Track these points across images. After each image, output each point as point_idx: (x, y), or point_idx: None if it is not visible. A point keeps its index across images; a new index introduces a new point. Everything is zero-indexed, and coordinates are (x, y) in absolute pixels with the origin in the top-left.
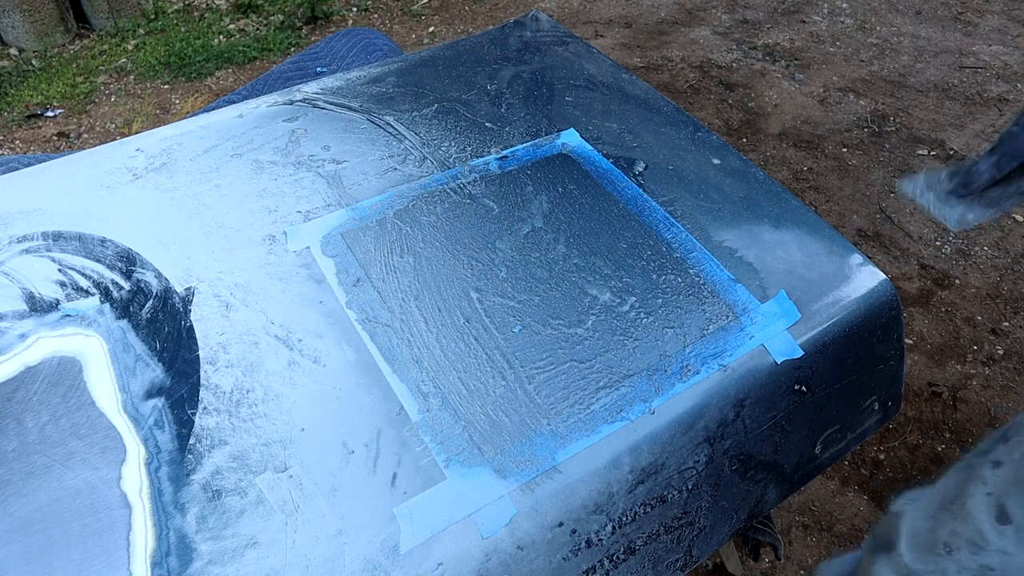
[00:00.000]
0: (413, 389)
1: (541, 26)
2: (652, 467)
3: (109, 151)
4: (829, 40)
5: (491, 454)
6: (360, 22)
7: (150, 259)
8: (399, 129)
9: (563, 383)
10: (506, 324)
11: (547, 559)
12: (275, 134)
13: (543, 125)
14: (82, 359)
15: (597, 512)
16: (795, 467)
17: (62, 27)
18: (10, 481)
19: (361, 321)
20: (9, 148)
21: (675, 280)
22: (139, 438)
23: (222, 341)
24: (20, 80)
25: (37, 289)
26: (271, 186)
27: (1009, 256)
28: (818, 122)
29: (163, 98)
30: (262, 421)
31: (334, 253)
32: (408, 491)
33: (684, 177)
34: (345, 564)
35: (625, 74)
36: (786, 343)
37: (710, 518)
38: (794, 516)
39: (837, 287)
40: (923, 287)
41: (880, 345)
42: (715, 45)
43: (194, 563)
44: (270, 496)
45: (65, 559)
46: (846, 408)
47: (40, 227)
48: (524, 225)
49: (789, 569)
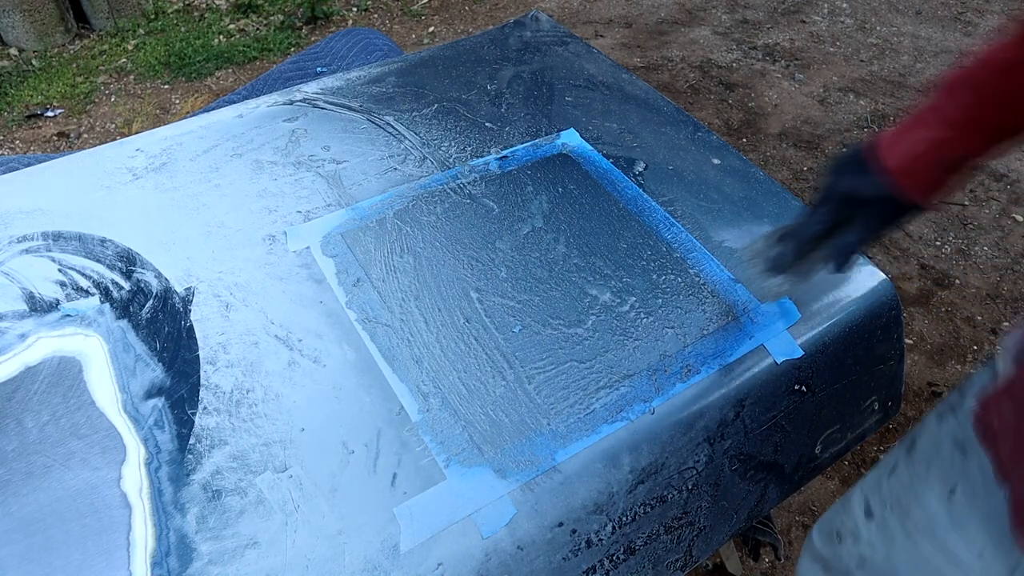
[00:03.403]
0: (413, 389)
1: (541, 26)
2: (652, 467)
3: (109, 151)
4: (829, 40)
5: (491, 454)
6: (360, 22)
7: (150, 259)
8: (399, 129)
9: (563, 383)
10: (506, 324)
11: (547, 559)
12: (275, 134)
13: (543, 125)
14: (82, 359)
15: (597, 512)
16: (795, 467)
17: (62, 27)
18: (10, 481)
19: (361, 321)
20: (9, 148)
21: (675, 280)
22: (139, 438)
23: (222, 341)
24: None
25: (37, 289)
26: (271, 186)
27: (1009, 256)
28: (818, 122)
29: (163, 98)
30: (262, 421)
31: (334, 253)
32: (408, 491)
33: (684, 177)
34: (345, 564)
35: (625, 74)
36: (786, 343)
37: (710, 518)
38: (794, 516)
39: (837, 287)
40: (923, 287)
41: (880, 345)
42: (715, 45)
43: (194, 563)
44: (270, 496)
45: (65, 559)
46: (846, 408)
47: (40, 227)
48: (524, 225)
49: (789, 569)
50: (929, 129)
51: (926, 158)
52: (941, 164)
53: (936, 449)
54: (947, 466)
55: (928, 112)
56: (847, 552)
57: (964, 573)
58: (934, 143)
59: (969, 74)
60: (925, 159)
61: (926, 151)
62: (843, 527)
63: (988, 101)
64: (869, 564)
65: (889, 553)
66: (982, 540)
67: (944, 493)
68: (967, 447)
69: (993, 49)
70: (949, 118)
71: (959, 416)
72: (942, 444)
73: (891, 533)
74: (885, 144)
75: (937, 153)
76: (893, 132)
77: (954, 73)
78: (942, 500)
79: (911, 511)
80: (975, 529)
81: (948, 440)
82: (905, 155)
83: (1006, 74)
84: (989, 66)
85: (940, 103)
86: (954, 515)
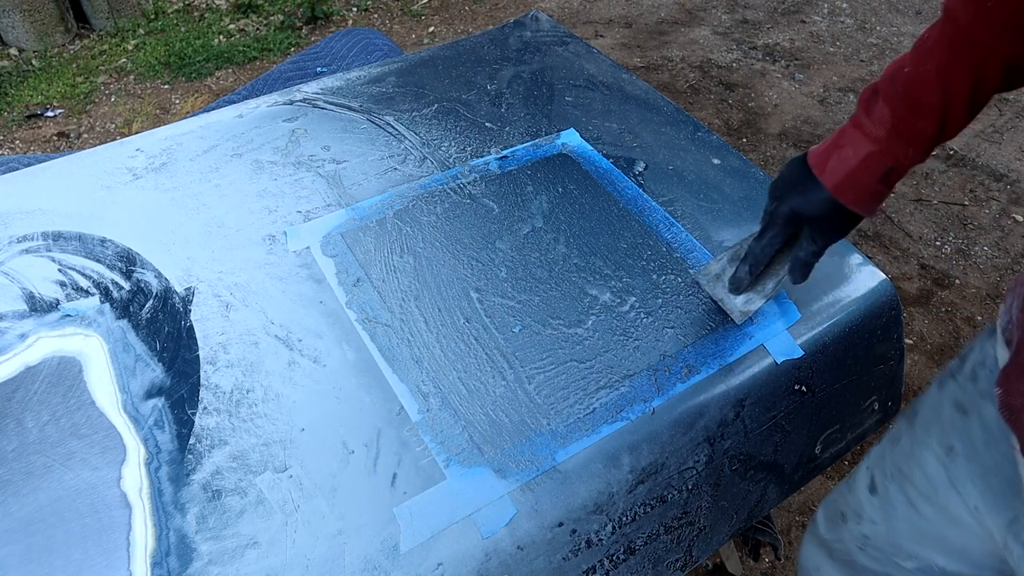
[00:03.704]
0: (413, 389)
1: (541, 26)
2: (652, 467)
3: (109, 151)
4: (829, 40)
5: (491, 454)
6: (360, 22)
7: (150, 259)
8: (399, 129)
9: (563, 383)
10: (506, 324)
11: (547, 559)
12: (275, 134)
13: (543, 125)
14: (82, 359)
15: (597, 512)
16: (795, 467)
17: (62, 27)
18: (10, 481)
19: (361, 321)
20: (9, 148)
21: (675, 280)
22: (139, 438)
23: (222, 341)
24: (20, 80)
25: (37, 289)
26: (271, 186)
27: (1009, 256)
28: (818, 122)
29: (163, 98)
30: (262, 421)
31: (334, 253)
32: (408, 491)
33: (684, 177)
34: (345, 564)
35: (625, 74)
36: (786, 343)
37: (710, 518)
38: (794, 516)
39: (837, 287)
40: (923, 287)
41: (880, 345)
42: (715, 45)
43: (194, 563)
44: (270, 496)
45: (65, 559)
46: (846, 408)
47: (40, 227)
48: (524, 225)
49: (789, 569)
50: (856, 146)
51: (859, 174)
52: (875, 177)
53: (936, 413)
54: (947, 427)
55: (851, 130)
56: (849, 533)
57: (964, 532)
58: (864, 159)
59: (881, 88)
60: (859, 175)
61: (857, 167)
62: (847, 507)
63: (901, 114)
64: (871, 543)
65: (891, 525)
66: (977, 496)
67: (942, 453)
68: (967, 408)
69: (898, 63)
70: (872, 134)
71: (959, 379)
72: (943, 407)
73: (892, 503)
74: (818, 162)
75: (868, 168)
76: (823, 149)
77: (869, 88)
78: (941, 460)
79: (912, 476)
80: (972, 485)
81: (948, 403)
82: (839, 172)
83: (909, 87)
84: (896, 80)
85: (861, 120)
86: (952, 474)
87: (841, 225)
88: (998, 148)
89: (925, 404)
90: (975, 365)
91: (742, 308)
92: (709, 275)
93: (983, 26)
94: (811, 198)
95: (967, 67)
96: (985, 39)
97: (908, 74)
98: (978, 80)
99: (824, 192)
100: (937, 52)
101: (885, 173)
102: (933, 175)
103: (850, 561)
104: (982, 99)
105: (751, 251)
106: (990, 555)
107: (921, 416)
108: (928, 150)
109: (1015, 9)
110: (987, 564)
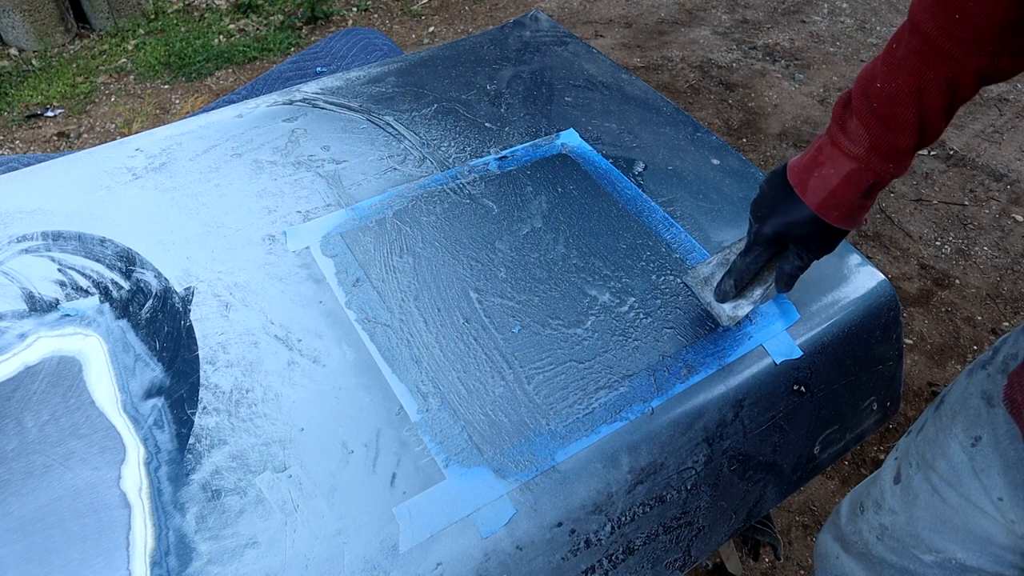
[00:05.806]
0: (412, 389)
1: (541, 26)
2: (651, 467)
3: (109, 151)
4: (829, 40)
5: (490, 454)
6: (360, 22)
7: (150, 259)
8: (399, 129)
9: (562, 383)
10: (505, 324)
11: (546, 559)
12: (275, 134)
13: (543, 125)
14: (82, 359)
15: (596, 512)
16: (794, 467)
17: (62, 27)
18: (10, 481)
19: (361, 321)
20: (9, 148)
21: (674, 281)
22: (139, 438)
23: (222, 341)
24: (20, 80)
25: (37, 289)
26: (271, 186)
27: (1009, 256)
28: (818, 122)
29: (163, 98)
30: (262, 421)
31: (334, 253)
32: (407, 491)
33: (684, 177)
34: (344, 564)
35: (625, 74)
36: (785, 344)
37: (709, 518)
38: (794, 516)
39: (836, 287)
40: (923, 287)
41: (879, 345)
42: (715, 45)
43: (193, 563)
44: (269, 496)
45: (65, 559)
46: (845, 408)
47: (40, 227)
48: (523, 225)
49: (789, 569)
50: (836, 163)
51: (842, 191)
52: (857, 193)
53: (963, 402)
54: (973, 417)
55: (829, 147)
56: (868, 524)
57: (988, 522)
58: (845, 177)
59: (855, 105)
60: (841, 193)
61: (839, 185)
62: (867, 497)
63: (878, 131)
64: (889, 533)
65: (912, 515)
66: (1002, 487)
67: (968, 442)
68: (994, 399)
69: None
70: (850, 152)
71: (989, 370)
72: (970, 396)
73: (915, 492)
74: (799, 181)
75: (850, 185)
76: (802, 166)
77: (841, 99)
78: (965, 449)
79: (936, 464)
80: (997, 476)
81: (976, 392)
82: (821, 191)
83: (884, 103)
84: (868, 95)
85: (837, 137)
86: (977, 463)
87: (827, 242)
88: (998, 148)
89: (953, 392)
90: (1007, 357)
91: (730, 313)
92: (698, 278)
93: (951, 40)
94: (795, 219)
95: (940, 81)
96: (955, 53)
97: (881, 90)
98: (952, 91)
99: (807, 211)
100: (909, 65)
101: (868, 188)
102: (933, 175)
103: (866, 553)
104: (957, 106)
105: (735, 266)
106: (1012, 549)
107: (948, 404)
108: (909, 161)
109: (981, 26)
110: (1008, 560)
